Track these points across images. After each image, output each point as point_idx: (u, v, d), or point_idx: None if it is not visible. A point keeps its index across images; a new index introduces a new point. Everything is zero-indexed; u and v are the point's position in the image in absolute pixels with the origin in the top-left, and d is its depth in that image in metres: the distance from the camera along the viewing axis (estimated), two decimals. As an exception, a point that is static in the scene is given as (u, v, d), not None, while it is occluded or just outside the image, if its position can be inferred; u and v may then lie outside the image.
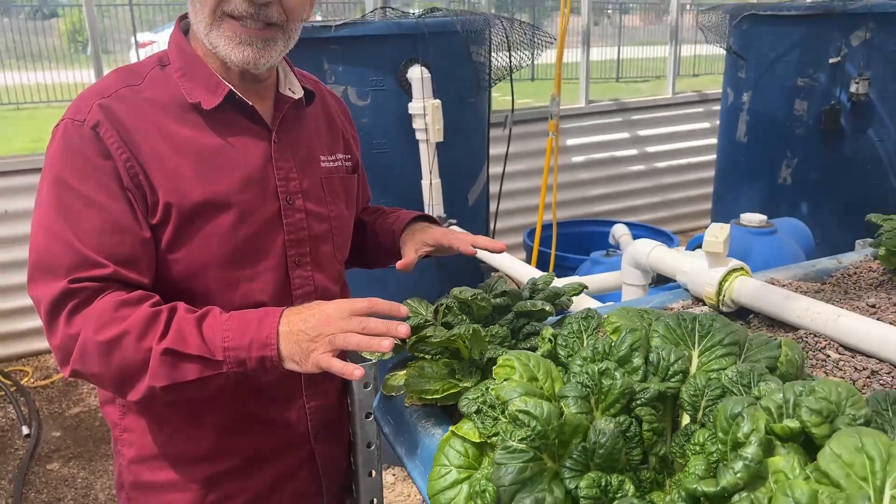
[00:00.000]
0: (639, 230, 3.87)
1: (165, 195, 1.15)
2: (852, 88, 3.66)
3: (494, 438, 0.91)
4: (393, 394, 1.20)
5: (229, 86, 1.20)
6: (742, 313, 1.48)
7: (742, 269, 1.50)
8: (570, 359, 0.98)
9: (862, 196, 3.72)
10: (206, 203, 1.17)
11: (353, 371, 1.03)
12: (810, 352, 1.29)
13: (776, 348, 0.94)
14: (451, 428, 0.97)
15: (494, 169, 3.61)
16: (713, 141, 4.56)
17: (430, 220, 1.53)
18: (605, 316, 1.05)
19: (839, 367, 1.24)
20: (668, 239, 3.80)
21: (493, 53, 2.99)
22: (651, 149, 5.72)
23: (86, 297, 1.09)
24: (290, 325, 1.08)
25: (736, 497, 0.71)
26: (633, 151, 5.66)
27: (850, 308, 1.42)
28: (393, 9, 2.90)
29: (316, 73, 2.62)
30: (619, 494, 0.78)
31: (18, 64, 13.06)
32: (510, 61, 2.93)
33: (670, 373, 0.90)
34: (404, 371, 1.18)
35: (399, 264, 1.39)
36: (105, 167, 1.13)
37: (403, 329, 1.06)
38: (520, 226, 4.97)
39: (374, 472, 1.39)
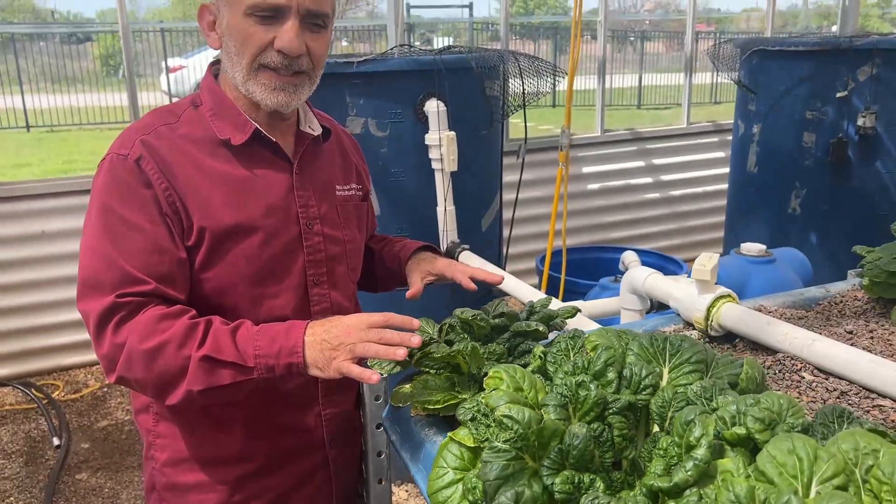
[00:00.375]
0: (649, 257, 3.96)
1: (199, 220, 1.29)
2: (859, 122, 3.76)
3: (487, 443, 1.03)
4: (400, 405, 1.32)
5: (255, 125, 1.35)
6: (729, 337, 1.59)
7: (729, 296, 1.60)
8: (555, 373, 1.10)
9: (869, 226, 3.79)
10: (236, 227, 1.31)
11: (371, 376, 1.16)
12: (787, 373, 1.39)
13: (738, 367, 1.05)
14: (450, 434, 1.09)
15: (509, 195, 3.74)
16: (727, 170, 4.66)
17: (433, 250, 1.67)
18: (587, 335, 1.16)
19: (812, 387, 1.34)
20: (677, 266, 3.89)
21: (507, 85, 3.14)
22: (666, 177, 5.83)
23: (131, 310, 1.22)
24: (315, 335, 1.21)
25: (688, 492, 0.82)
26: (648, 179, 5.77)
27: (828, 334, 1.52)
28: (412, 46, 3.06)
29: (338, 106, 2.80)
30: (590, 490, 0.89)
31: (54, 87, 13.49)
32: (524, 96, 3.07)
33: (642, 386, 1.01)
34: (410, 384, 1.30)
35: (409, 294, 1.54)
36: (146, 195, 1.27)
37: (416, 340, 1.18)
38: (532, 251, 5.09)
39: (383, 480, 1.51)
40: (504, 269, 3.04)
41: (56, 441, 3.58)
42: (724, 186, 4.82)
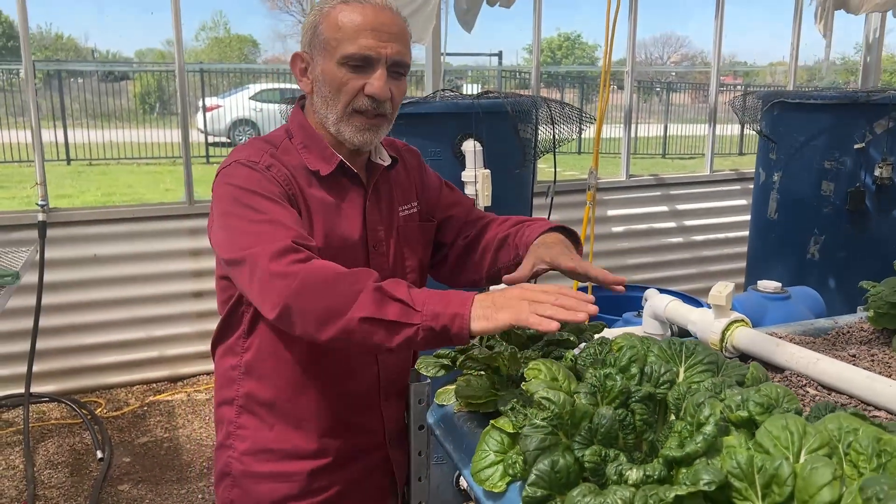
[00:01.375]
0: (672, 297, 4.10)
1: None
2: (877, 172, 3.91)
3: (524, 430, 1.19)
4: (444, 403, 1.49)
5: (340, 157, 1.52)
6: (742, 358, 1.74)
7: (742, 320, 1.76)
8: (584, 371, 1.26)
9: (886, 273, 3.89)
10: (325, 248, 1.46)
11: (550, 324, 1.15)
12: (793, 388, 1.54)
13: (745, 369, 1.21)
14: (492, 421, 1.25)
15: (537, 234, 3.91)
16: (749, 217, 4.81)
17: (567, 232, 1.59)
18: (613, 339, 1.33)
19: (815, 401, 1.49)
20: (699, 306, 4.02)
21: (538, 129, 3.35)
22: (689, 222, 5.98)
23: (306, 255, 1.29)
24: (484, 296, 1.25)
25: (697, 461, 0.98)
26: (671, 224, 5.93)
27: (832, 356, 1.67)
28: (452, 90, 3.29)
29: (383, 144, 2.99)
30: (615, 461, 1.05)
31: (95, 123, 13.99)
32: (554, 139, 3.27)
33: (660, 381, 1.17)
34: (454, 385, 1.47)
35: (506, 278, 1.45)
36: (278, 192, 1.41)
37: (593, 308, 1.18)
38: (560, 289, 5.23)
39: (422, 478, 1.66)
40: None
41: (99, 454, 3.75)
42: (746, 233, 4.97)
